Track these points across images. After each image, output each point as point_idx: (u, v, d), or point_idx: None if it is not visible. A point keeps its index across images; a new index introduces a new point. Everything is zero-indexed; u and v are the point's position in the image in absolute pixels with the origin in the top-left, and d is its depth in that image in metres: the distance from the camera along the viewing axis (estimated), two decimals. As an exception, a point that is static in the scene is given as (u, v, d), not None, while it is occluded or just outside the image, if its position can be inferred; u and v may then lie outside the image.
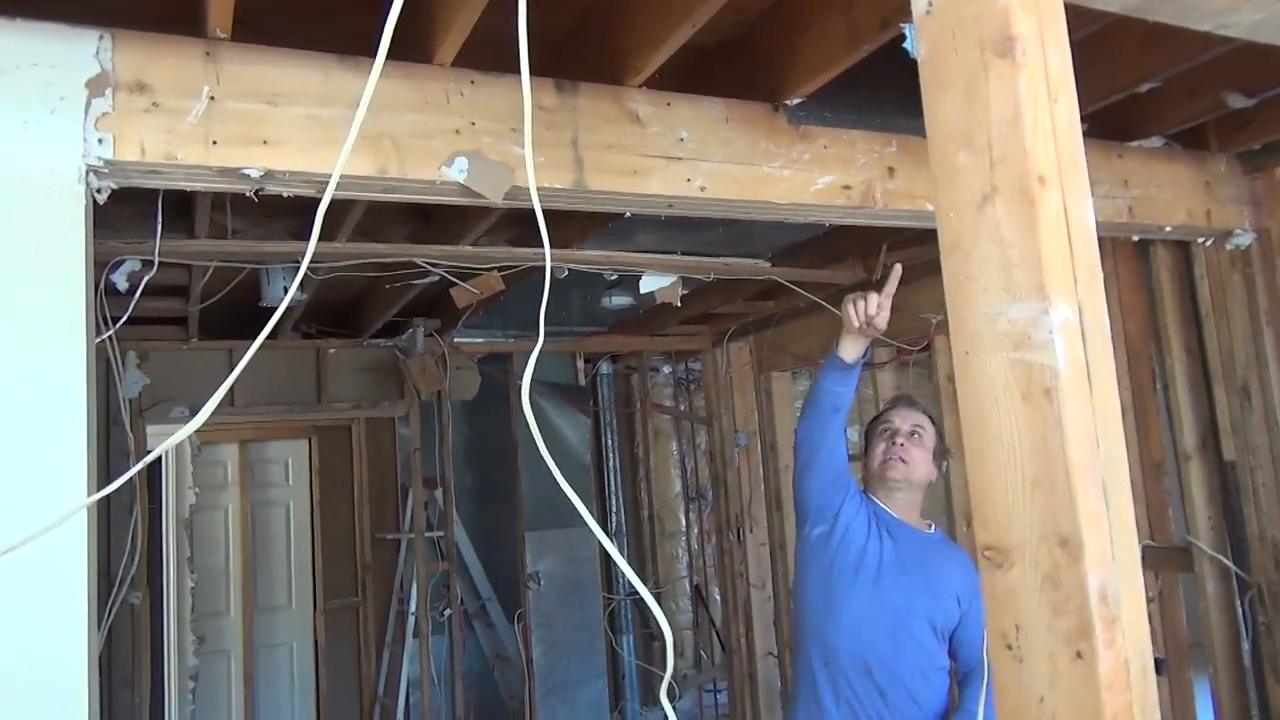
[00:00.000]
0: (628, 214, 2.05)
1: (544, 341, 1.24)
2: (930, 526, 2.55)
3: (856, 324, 2.23)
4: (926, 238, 3.40)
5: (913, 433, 2.48)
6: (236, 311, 3.76)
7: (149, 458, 1.29)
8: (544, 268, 1.44)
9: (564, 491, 1.16)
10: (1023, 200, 0.90)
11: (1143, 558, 2.89)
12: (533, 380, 1.19)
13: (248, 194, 1.70)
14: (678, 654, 5.78)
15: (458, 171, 1.75)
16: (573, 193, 1.85)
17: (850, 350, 2.30)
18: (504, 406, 4.85)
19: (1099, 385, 0.89)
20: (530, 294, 3.72)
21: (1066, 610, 0.86)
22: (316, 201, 1.84)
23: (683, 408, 6.08)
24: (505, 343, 4.74)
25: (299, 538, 5.24)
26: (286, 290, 3.36)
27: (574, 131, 1.86)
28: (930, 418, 2.57)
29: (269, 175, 1.64)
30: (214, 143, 1.58)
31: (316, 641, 5.13)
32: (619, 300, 3.93)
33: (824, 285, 3.74)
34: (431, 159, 1.73)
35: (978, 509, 0.96)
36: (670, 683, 1.25)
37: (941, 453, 2.61)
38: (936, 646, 2.37)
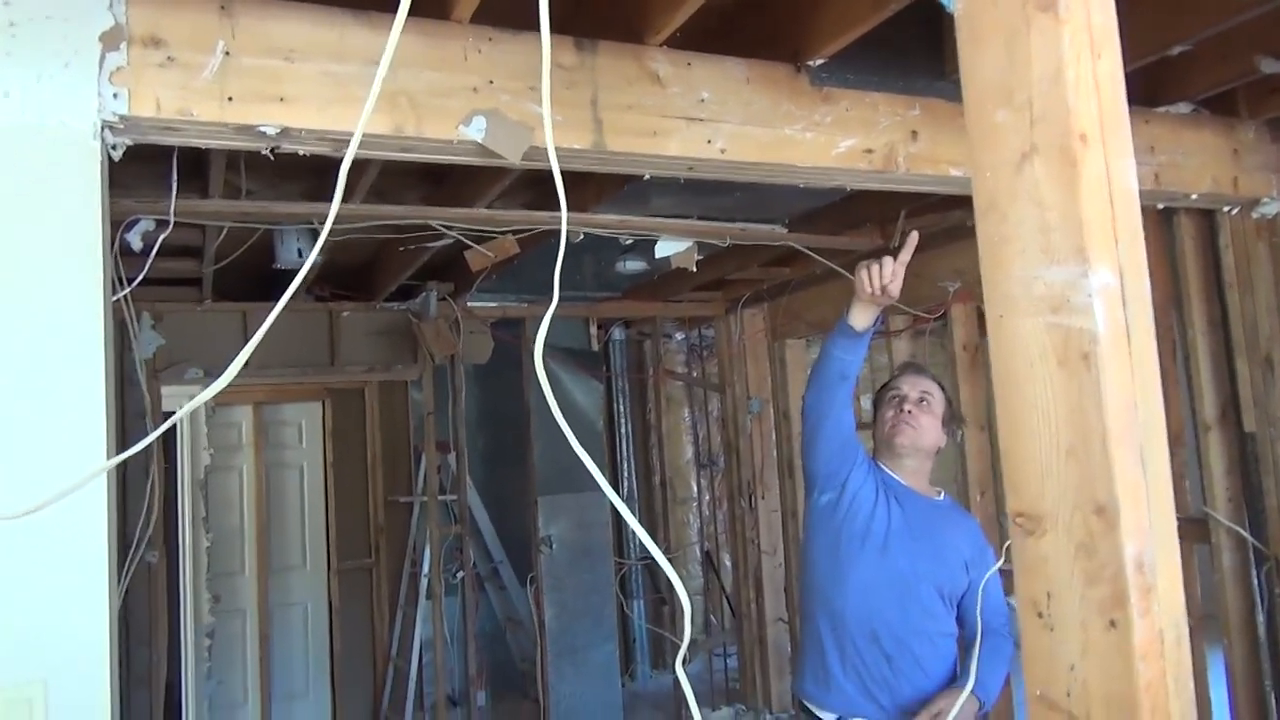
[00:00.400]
0: (647, 176, 2.02)
1: (557, 306, 1.22)
2: (940, 493, 2.53)
3: (869, 291, 2.18)
4: (947, 204, 3.36)
5: (921, 399, 2.46)
6: (250, 273, 3.75)
7: (168, 423, 1.28)
8: (559, 232, 1.42)
9: (576, 456, 1.15)
10: (1064, 160, 0.87)
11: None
12: (546, 345, 1.17)
13: (263, 152, 1.68)
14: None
15: (476, 131, 1.72)
16: (592, 154, 1.82)
17: (861, 318, 2.25)
18: (516, 371, 4.85)
19: (1139, 350, 0.87)
20: (544, 258, 3.69)
21: (1101, 579, 0.85)
22: (332, 161, 1.82)
23: (695, 374, 6.07)
24: (518, 307, 4.72)
25: (313, 499, 5.26)
26: (300, 252, 3.35)
27: (593, 91, 1.83)
28: (940, 384, 2.55)
29: (285, 133, 1.62)
30: (230, 99, 1.56)
31: (330, 602, 5.17)
32: (633, 265, 3.90)
33: (841, 252, 3.71)
34: (449, 118, 1.71)
35: (1009, 475, 0.94)
36: (684, 652, 1.25)
37: (952, 420, 2.59)
38: (944, 613, 2.36)
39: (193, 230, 3.24)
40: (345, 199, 2.82)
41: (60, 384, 1.41)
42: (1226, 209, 2.70)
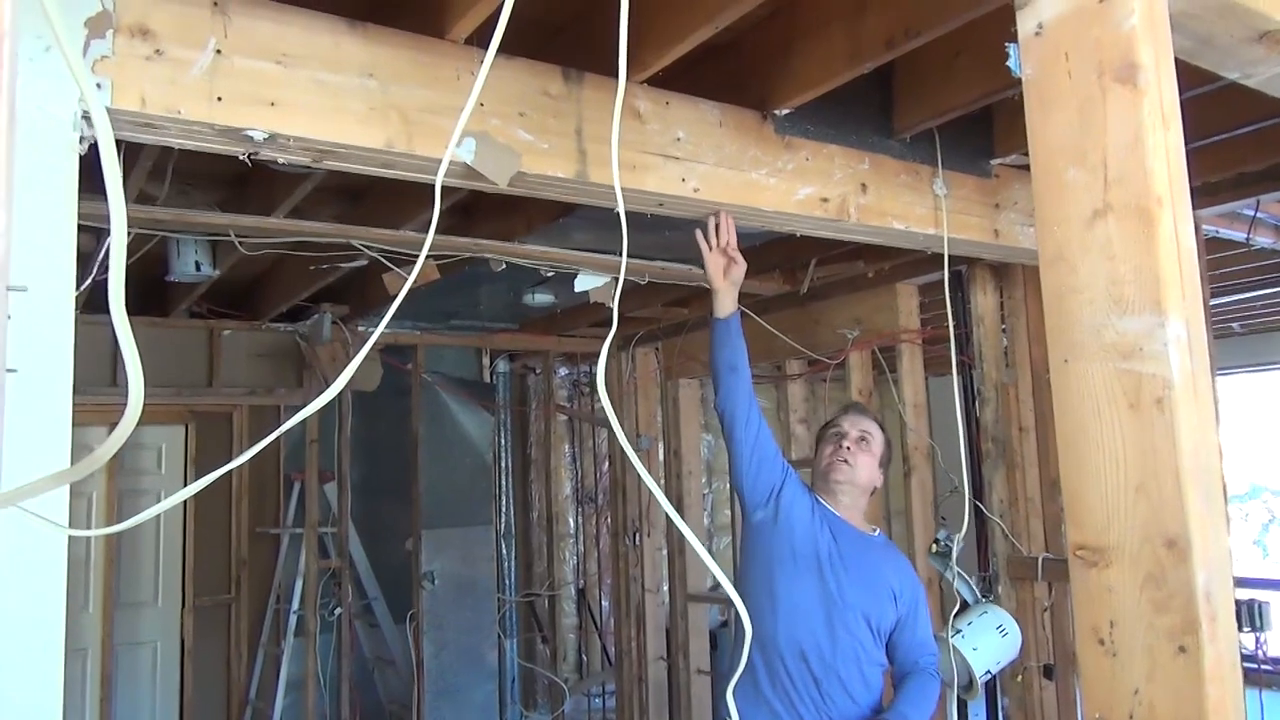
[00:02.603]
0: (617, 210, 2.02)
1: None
2: (875, 530, 2.62)
3: (711, 247, 2.29)
4: (851, 255, 3.52)
5: (861, 438, 2.56)
6: (128, 284, 3.50)
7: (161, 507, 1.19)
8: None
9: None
10: (1141, 219, 0.95)
11: (1041, 569, 3.01)
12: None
13: (241, 157, 1.60)
14: (561, 658, 5.75)
15: (466, 152, 1.69)
16: (575, 183, 1.82)
17: (720, 307, 2.42)
18: (404, 399, 4.71)
19: (1201, 396, 0.94)
20: (444, 287, 3.63)
21: (1170, 608, 0.91)
22: (245, 172, 1.74)
23: (577, 409, 6.06)
24: (410, 334, 4.60)
25: (169, 530, 4.91)
26: (199, 265, 3.17)
27: (578, 122, 1.83)
28: (881, 426, 2.64)
29: (273, 139, 1.54)
30: (219, 99, 1.48)
31: (183, 641, 4.83)
32: (541, 298, 3.88)
33: (746, 295, 3.81)
34: (439, 137, 1.67)
35: (1071, 511, 1.00)
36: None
37: (890, 461, 2.69)
38: (872, 643, 2.43)
39: (85, 235, 3.01)
40: (266, 212, 2.70)
41: (31, 397, 1.28)
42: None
